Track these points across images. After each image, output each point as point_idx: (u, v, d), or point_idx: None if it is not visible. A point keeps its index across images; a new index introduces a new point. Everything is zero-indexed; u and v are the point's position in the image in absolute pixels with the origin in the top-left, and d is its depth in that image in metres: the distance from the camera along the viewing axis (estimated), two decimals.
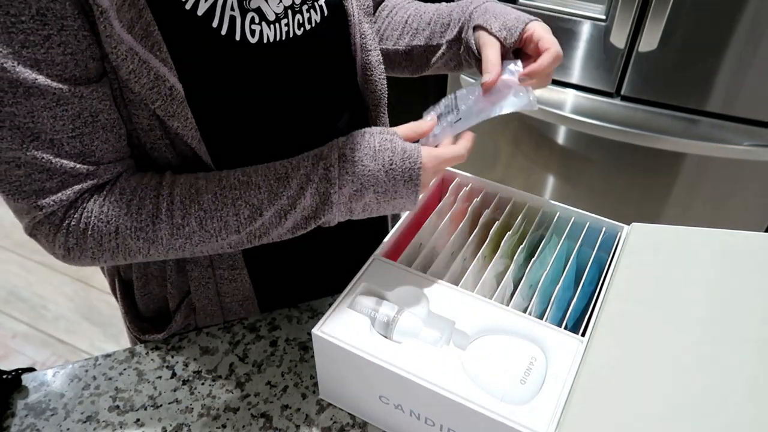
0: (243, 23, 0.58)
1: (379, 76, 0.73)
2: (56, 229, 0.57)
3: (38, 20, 0.47)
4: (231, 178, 0.59)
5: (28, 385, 0.69)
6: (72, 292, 2.01)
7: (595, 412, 0.54)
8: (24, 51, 0.48)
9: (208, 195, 0.58)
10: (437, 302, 0.62)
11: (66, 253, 0.58)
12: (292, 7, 0.61)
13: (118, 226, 0.57)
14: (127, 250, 0.58)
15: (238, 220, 0.58)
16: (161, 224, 0.57)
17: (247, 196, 0.58)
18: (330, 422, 0.66)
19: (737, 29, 1.25)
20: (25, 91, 0.49)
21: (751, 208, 1.50)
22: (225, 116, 0.61)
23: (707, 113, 1.40)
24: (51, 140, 0.52)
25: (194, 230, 0.58)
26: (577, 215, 0.73)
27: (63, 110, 0.51)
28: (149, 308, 0.77)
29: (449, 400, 0.54)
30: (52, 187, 0.54)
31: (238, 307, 0.75)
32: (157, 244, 0.58)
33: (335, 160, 0.58)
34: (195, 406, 0.67)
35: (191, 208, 0.58)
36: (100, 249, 0.58)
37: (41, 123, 0.51)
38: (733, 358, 0.56)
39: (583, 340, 0.59)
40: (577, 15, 1.38)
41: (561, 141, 1.58)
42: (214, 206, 0.58)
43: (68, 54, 0.50)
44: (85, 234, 0.57)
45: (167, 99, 0.55)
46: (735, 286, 0.62)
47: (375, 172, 0.59)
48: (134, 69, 0.52)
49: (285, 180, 0.59)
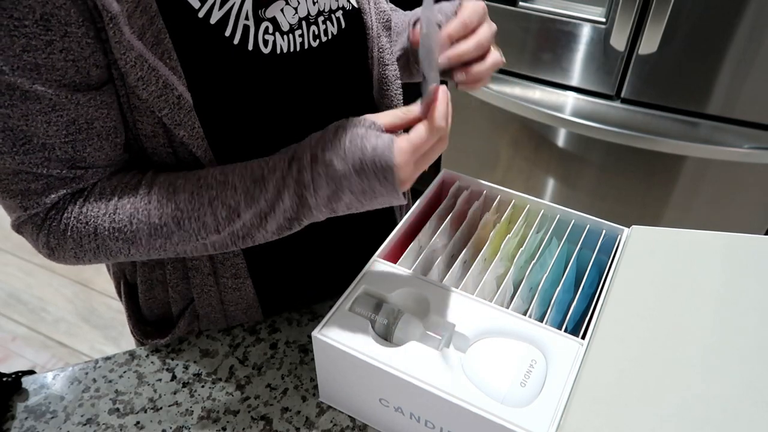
0: (257, 33, 0.57)
1: (395, 91, 0.72)
2: (38, 229, 0.57)
3: (41, 25, 0.47)
4: (209, 177, 0.57)
5: (28, 388, 0.69)
6: (72, 294, 2.01)
7: (595, 414, 0.54)
8: (25, 55, 0.48)
9: (185, 194, 0.56)
10: (437, 305, 0.62)
11: (50, 252, 0.58)
12: (307, 18, 0.61)
13: (96, 227, 0.57)
14: (107, 251, 0.58)
15: (216, 221, 0.56)
16: (139, 224, 0.56)
17: (223, 196, 0.56)
18: (330, 425, 0.66)
19: (737, 31, 1.26)
20: (22, 95, 0.49)
21: (752, 211, 1.50)
22: (233, 127, 0.60)
23: (707, 116, 1.40)
24: (43, 144, 0.52)
25: (172, 230, 0.57)
26: (577, 218, 0.73)
27: (58, 116, 0.51)
28: (153, 312, 0.77)
29: (449, 402, 0.54)
30: (38, 188, 0.54)
31: (242, 314, 0.75)
32: (137, 244, 0.57)
33: (307, 162, 0.55)
34: (195, 408, 0.67)
35: (168, 208, 0.56)
36: (81, 249, 0.58)
37: (35, 127, 0.51)
38: (734, 361, 0.56)
39: (583, 343, 0.59)
40: (577, 18, 1.38)
41: (561, 143, 1.58)
42: (191, 206, 0.56)
43: (69, 60, 0.50)
44: (65, 235, 0.57)
45: (175, 107, 0.55)
46: (736, 289, 0.62)
47: (346, 173, 0.54)
48: (143, 76, 0.52)
49: (261, 182, 0.56)
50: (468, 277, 0.66)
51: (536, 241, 0.72)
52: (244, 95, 0.59)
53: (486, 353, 0.59)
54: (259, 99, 0.60)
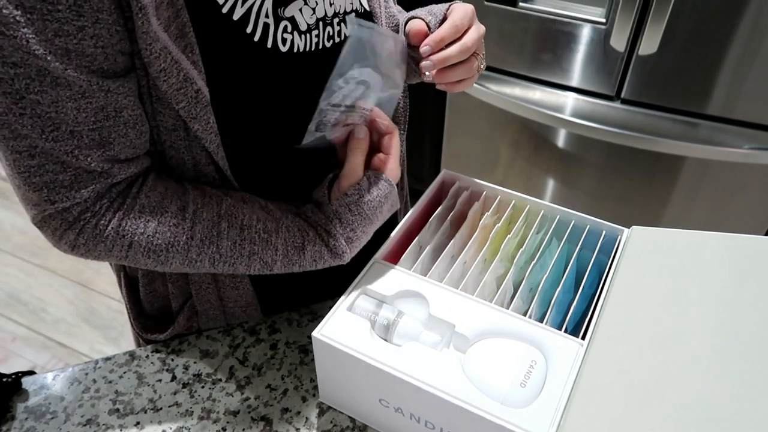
0: (276, 31, 0.58)
1: (402, 93, 0.73)
2: (68, 225, 0.56)
3: (74, 11, 0.47)
4: (252, 230, 0.61)
5: (28, 389, 0.69)
6: (72, 295, 2.01)
7: (595, 415, 0.54)
8: (57, 40, 0.48)
9: (227, 242, 0.60)
10: (437, 305, 0.62)
11: (70, 249, 0.58)
12: (323, 19, 0.62)
13: (132, 243, 0.58)
14: (134, 261, 0.60)
15: (247, 269, 0.63)
16: (176, 254, 0.59)
17: (263, 253, 0.62)
18: (330, 425, 0.66)
19: (737, 32, 1.26)
20: (53, 81, 0.49)
21: (751, 211, 1.50)
22: (246, 123, 0.61)
23: (707, 116, 1.40)
24: (71, 132, 0.52)
25: (204, 266, 0.61)
26: (577, 218, 0.73)
27: (87, 102, 0.51)
28: (154, 306, 0.77)
29: (449, 403, 0.54)
30: (65, 180, 0.54)
31: (241, 312, 0.75)
32: (165, 266, 0.60)
33: (340, 234, 0.63)
34: (195, 409, 0.67)
35: (209, 249, 0.60)
36: (108, 254, 0.59)
37: (64, 113, 0.51)
38: (734, 362, 0.56)
39: (583, 344, 0.59)
40: (578, 18, 1.38)
41: (561, 144, 1.58)
42: (230, 253, 0.61)
43: (99, 47, 0.50)
44: (97, 239, 0.57)
45: (192, 101, 0.55)
46: (736, 289, 0.62)
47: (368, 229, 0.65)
48: (165, 68, 0.52)
49: (301, 251, 0.63)
50: (468, 278, 0.66)
51: (536, 242, 0.72)
52: (260, 92, 0.60)
53: (486, 354, 0.59)
54: (274, 96, 0.61)
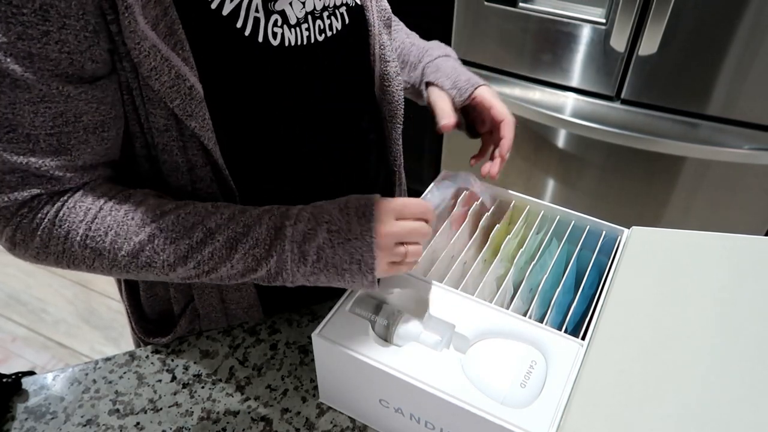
0: (266, 25, 0.58)
1: (396, 87, 0.73)
2: (6, 222, 0.56)
3: (40, 15, 0.47)
4: (199, 205, 0.58)
5: (28, 389, 0.69)
6: (72, 295, 2.01)
7: (595, 415, 0.54)
8: (19, 43, 0.48)
9: (170, 216, 0.57)
10: (437, 306, 0.62)
11: (11, 246, 0.58)
12: (313, 12, 0.62)
13: (69, 232, 0.56)
14: (71, 257, 0.57)
15: (189, 245, 0.57)
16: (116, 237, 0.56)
17: (207, 221, 0.57)
18: (330, 426, 0.66)
19: (737, 32, 1.26)
20: (12, 83, 0.49)
21: (752, 212, 1.50)
22: (241, 118, 0.61)
23: (707, 117, 1.40)
24: (27, 135, 0.52)
25: (144, 247, 0.57)
26: (577, 219, 0.73)
27: (46, 107, 0.51)
28: (154, 310, 0.77)
29: (449, 403, 0.54)
30: (11, 181, 0.54)
31: (243, 314, 0.75)
32: (102, 257, 0.57)
33: (298, 208, 0.58)
34: (195, 409, 0.67)
35: (148, 227, 0.56)
36: (45, 251, 0.57)
37: (21, 116, 0.51)
38: (734, 362, 0.56)
39: (583, 344, 0.59)
40: (577, 18, 1.38)
41: (561, 144, 1.58)
42: (172, 227, 0.57)
43: (64, 52, 0.50)
44: (34, 233, 0.56)
45: (186, 98, 0.55)
46: (735, 289, 0.62)
47: (330, 209, 0.57)
48: (156, 66, 0.52)
49: (250, 210, 0.58)
50: (468, 278, 0.66)
51: (536, 242, 0.72)
52: (253, 86, 0.60)
53: (486, 354, 0.59)
54: (267, 90, 0.61)
